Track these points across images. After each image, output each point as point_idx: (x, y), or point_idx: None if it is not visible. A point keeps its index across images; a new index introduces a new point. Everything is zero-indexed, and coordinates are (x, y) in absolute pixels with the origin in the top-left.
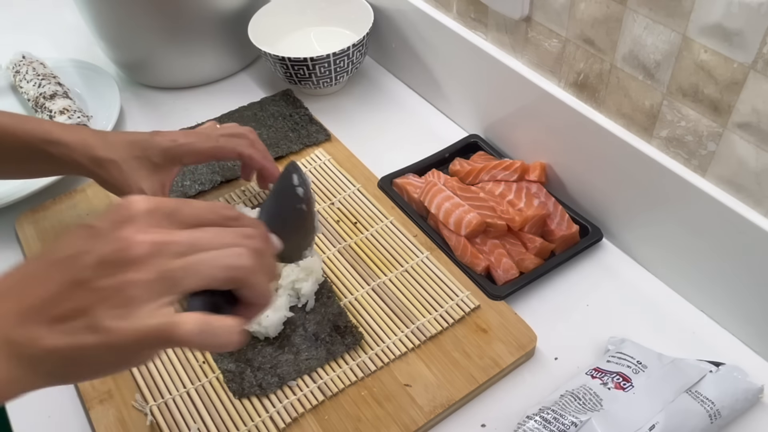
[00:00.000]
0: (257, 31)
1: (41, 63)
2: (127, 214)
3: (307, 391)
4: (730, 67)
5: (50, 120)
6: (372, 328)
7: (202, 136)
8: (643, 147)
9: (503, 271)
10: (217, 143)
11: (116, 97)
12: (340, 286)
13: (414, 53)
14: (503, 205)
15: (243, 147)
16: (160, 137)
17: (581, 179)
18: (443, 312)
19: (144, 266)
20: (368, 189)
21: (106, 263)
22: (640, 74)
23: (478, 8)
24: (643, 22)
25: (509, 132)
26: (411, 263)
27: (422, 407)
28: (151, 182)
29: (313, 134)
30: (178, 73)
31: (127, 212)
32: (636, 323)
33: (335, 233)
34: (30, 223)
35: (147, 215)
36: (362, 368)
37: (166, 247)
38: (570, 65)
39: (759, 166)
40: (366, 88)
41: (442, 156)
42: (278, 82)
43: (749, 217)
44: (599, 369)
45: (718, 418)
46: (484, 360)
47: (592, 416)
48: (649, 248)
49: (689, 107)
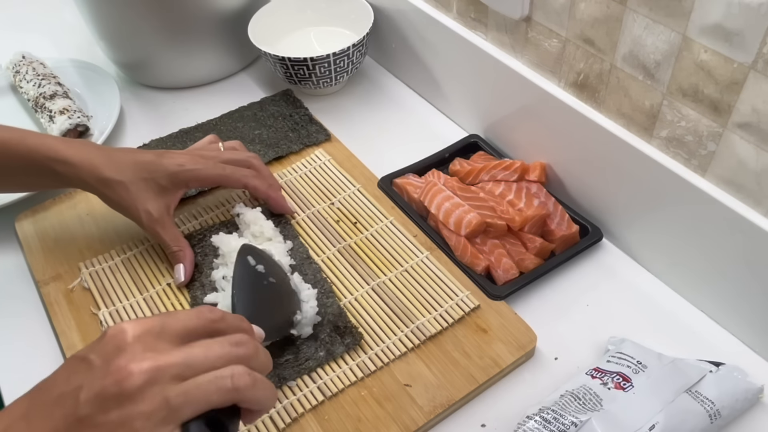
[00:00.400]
0: (257, 31)
1: (41, 63)
2: (117, 343)
3: (306, 392)
4: (730, 67)
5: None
6: (372, 328)
7: (210, 162)
8: (643, 147)
9: (503, 271)
10: (224, 172)
11: (116, 97)
12: (340, 286)
13: (414, 53)
14: (503, 205)
15: (249, 178)
16: (168, 160)
17: (581, 179)
18: (443, 312)
19: (143, 397)
20: (368, 189)
21: (105, 398)
22: (640, 74)
23: (478, 8)
24: (643, 22)
25: (509, 132)
26: (411, 263)
27: (422, 407)
28: (157, 204)
29: (313, 134)
30: (178, 73)
31: (117, 341)
32: (636, 323)
33: (335, 233)
34: (30, 223)
35: (137, 341)
36: (362, 368)
37: (162, 372)
38: (570, 65)
39: (759, 166)
40: (366, 88)
41: (442, 156)
42: (278, 82)
43: (749, 217)
44: (599, 369)
45: (718, 418)
46: (484, 360)
47: (592, 416)
48: (649, 248)
49: (689, 107)
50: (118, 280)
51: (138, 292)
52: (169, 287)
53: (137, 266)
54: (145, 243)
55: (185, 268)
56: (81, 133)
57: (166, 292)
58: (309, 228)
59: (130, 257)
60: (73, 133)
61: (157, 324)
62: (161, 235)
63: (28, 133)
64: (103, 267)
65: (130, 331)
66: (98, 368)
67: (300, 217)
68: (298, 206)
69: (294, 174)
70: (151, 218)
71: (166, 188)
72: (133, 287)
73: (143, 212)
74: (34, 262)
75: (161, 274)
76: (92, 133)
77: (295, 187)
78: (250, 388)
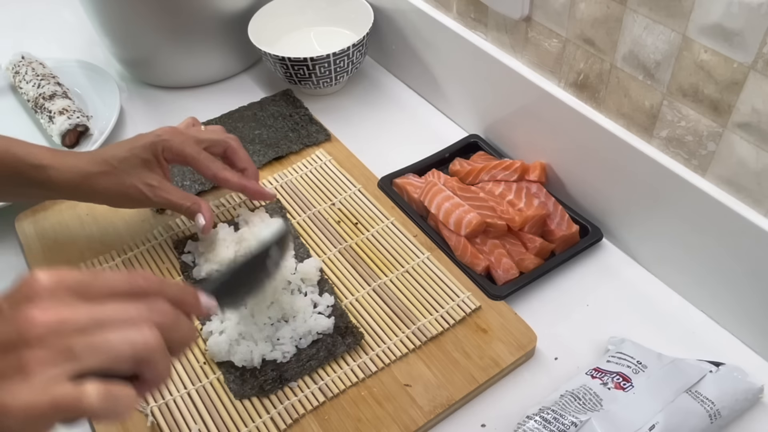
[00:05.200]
0: (257, 31)
1: (40, 63)
2: (28, 291)
3: (308, 392)
4: (730, 67)
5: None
6: (373, 329)
7: (187, 139)
8: (643, 147)
9: (503, 271)
10: (198, 155)
11: (116, 97)
12: (341, 287)
13: (414, 53)
14: (503, 205)
15: (219, 170)
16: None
17: (581, 179)
18: (444, 313)
19: (41, 345)
20: (368, 189)
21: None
22: (640, 74)
23: (478, 8)
24: (643, 22)
25: (509, 132)
26: (412, 264)
27: (422, 407)
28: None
29: (313, 134)
30: (179, 72)
31: (28, 289)
32: (636, 323)
33: (336, 234)
34: (30, 223)
35: (49, 292)
36: (363, 369)
37: (64, 324)
38: (570, 65)
39: (759, 166)
40: (366, 88)
41: (442, 156)
42: (278, 82)
43: (749, 217)
44: (599, 369)
45: (718, 418)
46: (484, 360)
47: (592, 416)
48: (649, 248)
49: (689, 107)
50: None
51: None
52: None
53: (137, 267)
54: (145, 243)
55: (204, 215)
56: (81, 133)
57: None
58: (310, 229)
59: (130, 257)
60: (73, 133)
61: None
62: (170, 199)
63: (14, 142)
64: (103, 268)
65: (44, 282)
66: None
67: (301, 218)
68: (299, 207)
69: (294, 174)
70: (154, 188)
71: (150, 160)
72: None
73: (144, 186)
74: (34, 262)
75: (161, 275)
76: (92, 133)
77: (296, 188)
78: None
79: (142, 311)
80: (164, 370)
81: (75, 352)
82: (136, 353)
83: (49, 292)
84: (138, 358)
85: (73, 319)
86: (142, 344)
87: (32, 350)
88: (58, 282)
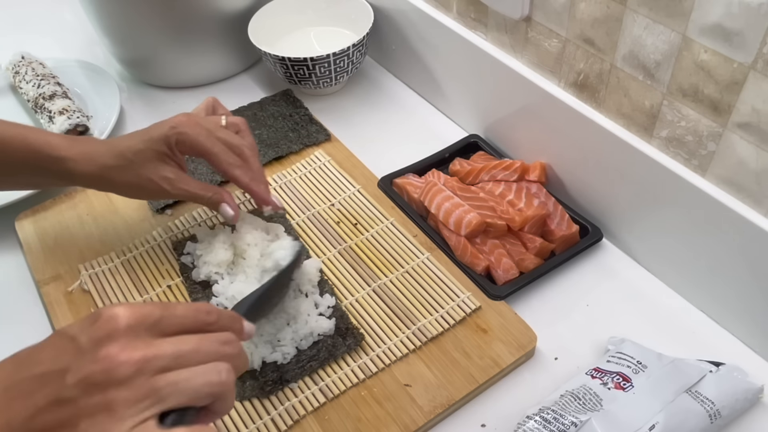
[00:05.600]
0: (257, 31)
1: (40, 63)
2: (108, 328)
3: (308, 393)
4: (730, 67)
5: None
6: (373, 330)
7: (203, 131)
8: (643, 147)
9: (503, 271)
10: (213, 149)
11: (116, 97)
12: (341, 288)
13: (414, 53)
14: (503, 205)
15: (232, 167)
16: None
17: (581, 179)
18: (444, 313)
19: (129, 385)
20: (368, 189)
21: (91, 384)
22: (640, 74)
23: (478, 8)
24: (643, 22)
25: (509, 132)
26: (412, 264)
27: (422, 407)
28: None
29: (313, 134)
30: (180, 72)
31: (108, 327)
32: (636, 323)
33: (336, 234)
34: (30, 223)
35: (128, 329)
36: (363, 369)
37: (150, 364)
38: (570, 65)
39: (759, 166)
40: (366, 88)
41: (442, 156)
42: (278, 82)
43: (749, 217)
44: (599, 369)
45: (718, 418)
46: (484, 360)
47: (592, 416)
48: (649, 248)
49: (689, 107)
50: (118, 282)
51: (138, 294)
52: (169, 289)
53: (137, 268)
54: (145, 245)
55: (229, 204)
56: (81, 134)
57: (166, 294)
58: (309, 229)
59: (129, 259)
60: (73, 134)
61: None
62: (190, 191)
63: (30, 130)
64: (102, 269)
65: (124, 319)
66: (87, 352)
67: (300, 219)
68: (298, 208)
69: (294, 175)
70: (172, 181)
71: (165, 153)
72: (132, 289)
73: (161, 180)
74: (34, 262)
75: (161, 276)
76: (92, 133)
77: (296, 188)
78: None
79: (215, 347)
80: (233, 402)
81: (161, 394)
82: (214, 392)
83: (128, 329)
84: (215, 396)
85: (157, 356)
86: (219, 384)
87: (118, 390)
88: (136, 321)
